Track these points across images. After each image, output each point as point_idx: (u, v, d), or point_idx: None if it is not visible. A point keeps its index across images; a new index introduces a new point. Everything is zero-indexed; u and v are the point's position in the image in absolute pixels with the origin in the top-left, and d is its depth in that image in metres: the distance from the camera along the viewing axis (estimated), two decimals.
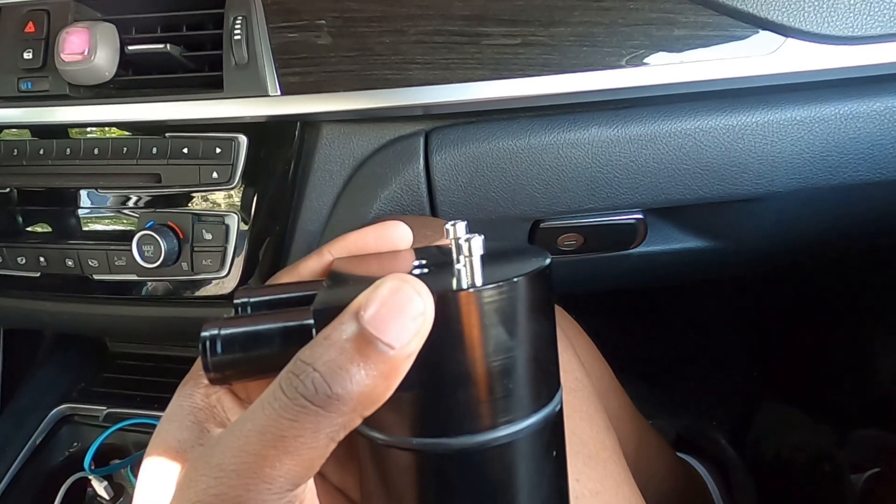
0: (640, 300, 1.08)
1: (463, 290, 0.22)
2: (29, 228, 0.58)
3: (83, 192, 0.56)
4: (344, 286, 0.25)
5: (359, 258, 0.29)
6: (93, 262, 0.56)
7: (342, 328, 0.21)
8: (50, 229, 0.58)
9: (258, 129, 0.53)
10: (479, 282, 0.22)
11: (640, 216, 0.58)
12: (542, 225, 0.58)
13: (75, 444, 0.74)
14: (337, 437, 0.21)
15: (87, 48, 0.51)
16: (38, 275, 0.58)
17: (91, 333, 0.79)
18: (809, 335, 1.03)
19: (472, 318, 0.22)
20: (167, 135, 0.54)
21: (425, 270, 0.25)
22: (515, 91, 0.49)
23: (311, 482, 0.23)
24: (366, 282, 0.22)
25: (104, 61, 0.52)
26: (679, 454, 0.86)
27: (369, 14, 0.49)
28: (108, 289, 0.57)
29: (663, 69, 0.47)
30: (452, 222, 0.25)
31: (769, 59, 0.47)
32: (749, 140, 0.51)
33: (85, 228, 0.57)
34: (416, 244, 0.30)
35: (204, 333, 0.24)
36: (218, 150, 0.53)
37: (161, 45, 0.51)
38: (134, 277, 0.56)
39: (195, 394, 0.27)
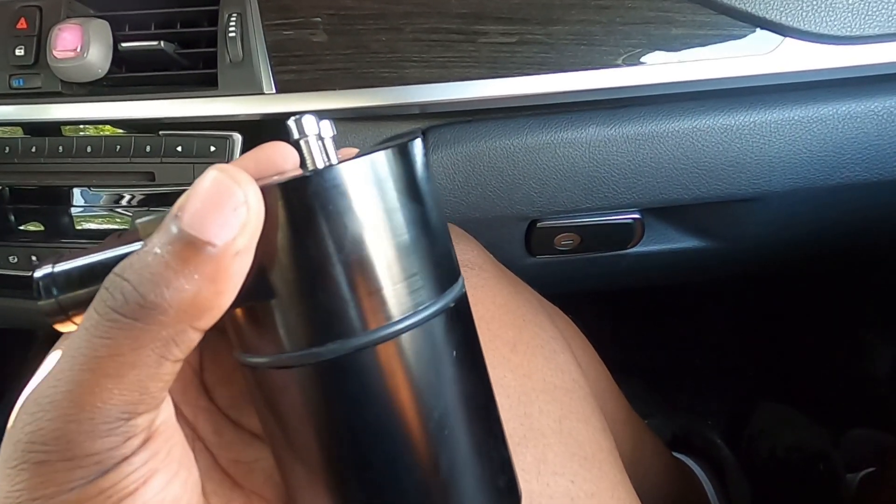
0: (636, 300, 1.08)
1: (295, 177, 0.20)
2: (21, 227, 0.58)
3: (76, 191, 0.56)
4: None
5: None
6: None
7: (159, 235, 0.19)
8: (42, 228, 0.57)
9: (253, 128, 0.52)
10: (318, 164, 0.20)
11: (637, 216, 0.57)
12: (538, 224, 0.58)
13: None
14: (170, 355, 0.19)
15: (80, 45, 0.51)
16: (29, 274, 0.58)
17: None
18: (805, 335, 1.03)
19: (312, 204, 0.20)
20: (161, 133, 0.53)
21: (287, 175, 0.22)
22: (512, 90, 0.48)
23: (167, 413, 0.21)
24: None
25: (97, 58, 0.51)
26: (675, 453, 0.86)
27: (365, 11, 0.49)
28: None
29: (661, 68, 0.47)
30: (296, 116, 0.22)
31: (767, 59, 0.47)
32: (746, 140, 0.51)
33: (78, 227, 0.56)
34: None
35: (36, 274, 0.22)
36: (212, 149, 0.52)
37: (155, 42, 0.51)
38: None
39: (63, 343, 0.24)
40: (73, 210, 0.56)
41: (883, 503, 0.76)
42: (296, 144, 0.22)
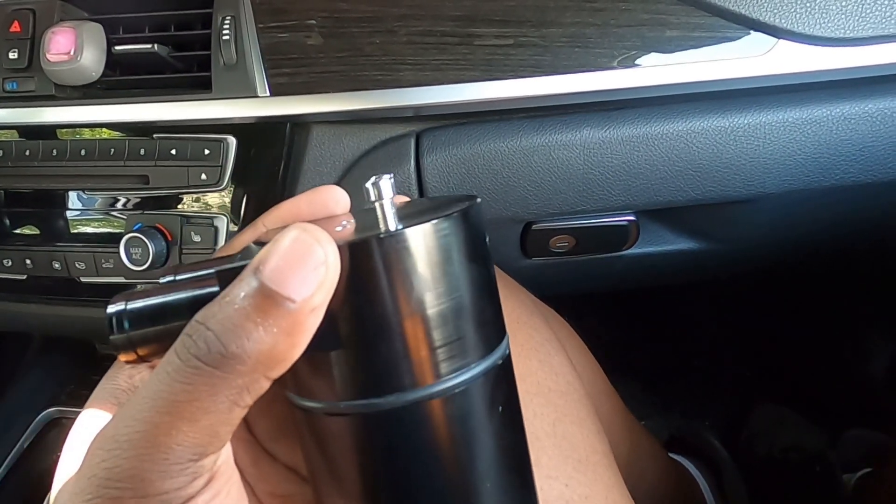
0: (633, 301, 1.08)
1: (369, 236, 0.20)
2: (16, 230, 0.57)
3: (71, 194, 0.56)
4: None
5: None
6: (80, 265, 0.55)
7: (240, 285, 0.20)
8: (37, 231, 0.57)
9: (247, 131, 0.52)
10: (392, 227, 0.21)
11: (632, 218, 0.57)
12: (533, 226, 0.58)
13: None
14: (241, 402, 0.20)
15: (74, 48, 0.51)
16: (24, 277, 0.58)
17: (79, 336, 0.78)
18: (802, 336, 1.03)
19: (383, 265, 0.20)
20: (155, 136, 0.53)
21: (348, 226, 0.23)
22: (507, 92, 0.48)
23: (226, 454, 0.22)
24: None
25: (91, 61, 0.51)
26: (671, 454, 0.86)
27: (360, 14, 0.49)
28: (96, 291, 0.57)
29: (655, 70, 0.47)
30: (374, 178, 0.23)
31: (761, 61, 0.47)
32: (741, 141, 0.51)
33: (72, 231, 0.56)
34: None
35: (110, 309, 0.23)
36: (206, 152, 0.52)
37: (149, 46, 0.51)
38: (122, 280, 0.55)
39: (118, 376, 0.25)
40: (68, 213, 0.56)
41: (880, 503, 0.77)
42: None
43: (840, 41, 0.46)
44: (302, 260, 0.20)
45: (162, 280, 0.25)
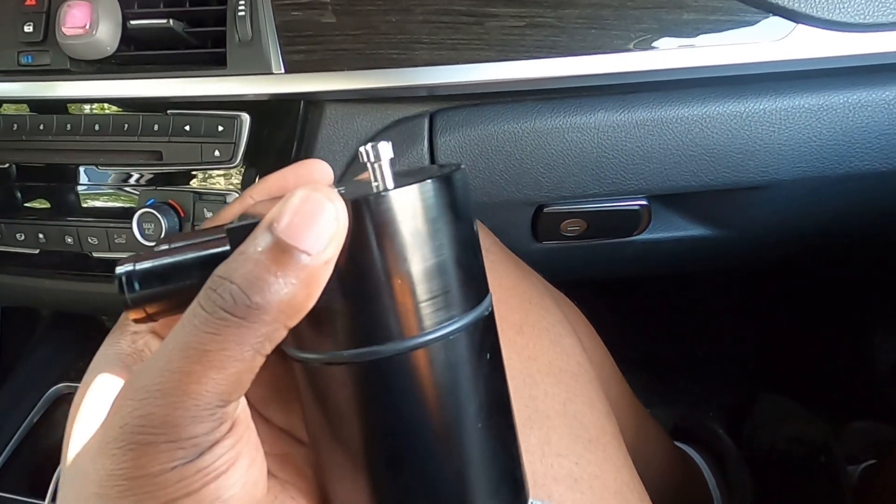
0: (638, 291, 1.08)
1: (372, 194, 0.22)
2: (28, 204, 0.58)
3: (83, 169, 0.56)
4: (258, 214, 0.24)
5: (279, 199, 0.29)
6: (92, 240, 0.56)
7: (257, 241, 0.21)
8: (49, 206, 0.57)
9: (261, 108, 0.52)
10: (389, 186, 0.23)
11: (644, 202, 0.57)
12: (545, 210, 0.57)
13: None
14: (263, 350, 0.21)
15: (89, 22, 0.50)
16: (36, 252, 0.58)
17: (89, 312, 0.79)
18: (807, 327, 1.03)
19: (385, 220, 0.22)
20: (169, 112, 0.53)
21: (342, 190, 0.24)
22: (522, 73, 0.48)
23: (243, 402, 0.23)
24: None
25: (106, 36, 0.51)
26: (677, 444, 0.86)
27: None
28: (107, 267, 0.57)
29: (671, 53, 0.47)
30: (372, 144, 0.24)
31: (779, 46, 0.46)
32: (756, 127, 0.51)
33: (84, 205, 0.56)
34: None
35: (119, 270, 0.24)
36: (220, 128, 0.52)
37: (164, 21, 0.51)
38: None
39: (121, 341, 0.26)
40: (80, 188, 0.56)
41: (884, 496, 0.77)
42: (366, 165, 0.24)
43: (859, 27, 0.45)
44: (315, 215, 0.21)
45: (156, 249, 0.26)
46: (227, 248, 0.23)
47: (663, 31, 0.47)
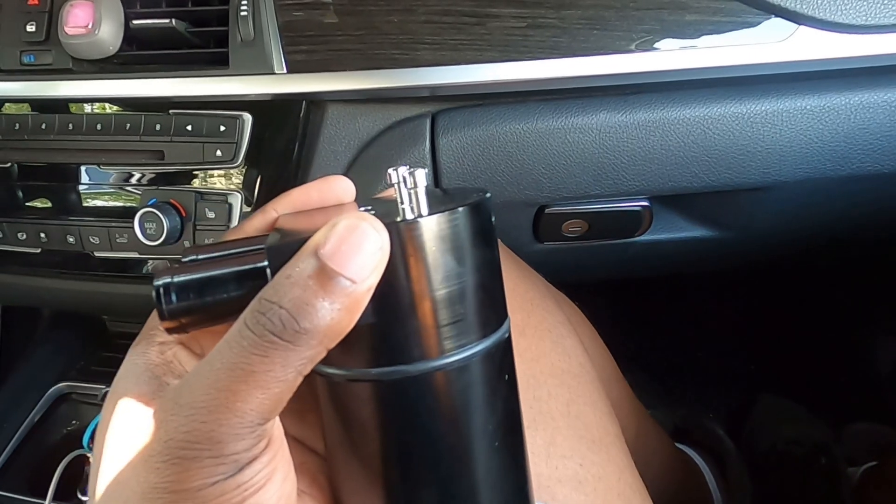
0: (641, 291, 1.08)
1: (409, 220, 0.23)
2: (29, 204, 0.58)
3: (84, 169, 0.56)
4: (293, 232, 0.25)
5: (303, 213, 0.29)
6: (94, 239, 0.55)
7: (303, 266, 0.22)
8: (51, 205, 0.57)
9: (263, 108, 0.52)
10: (424, 212, 0.23)
11: (645, 203, 0.57)
12: (547, 210, 0.57)
13: (73, 422, 0.74)
14: (304, 371, 0.22)
15: (92, 21, 0.50)
16: (38, 251, 0.58)
17: (90, 311, 0.79)
18: (808, 328, 1.03)
19: (421, 246, 0.23)
20: (171, 111, 0.53)
21: (371, 212, 0.25)
22: (523, 74, 0.48)
23: (278, 419, 0.24)
24: (315, 228, 0.22)
25: (108, 35, 0.51)
26: (677, 445, 0.86)
27: None
28: (109, 266, 0.57)
29: (673, 54, 0.47)
30: (394, 167, 0.25)
31: (781, 47, 0.46)
32: (757, 128, 0.51)
33: (86, 205, 0.56)
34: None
35: (157, 282, 0.24)
36: (222, 128, 0.52)
37: (166, 20, 0.51)
38: (135, 255, 0.55)
39: (149, 351, 0.27)
40: (82, 188, 0.56)
41: (884, 497, 0.77)
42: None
43: (861, 28, 0.46)
44: (361, 245, 0.22)
45: (184, 259, 0.27)
46: (265, 264, 0.24)
47: (665, 32, 0.47)
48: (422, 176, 0.23)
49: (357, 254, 0.21)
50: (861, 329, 0.98)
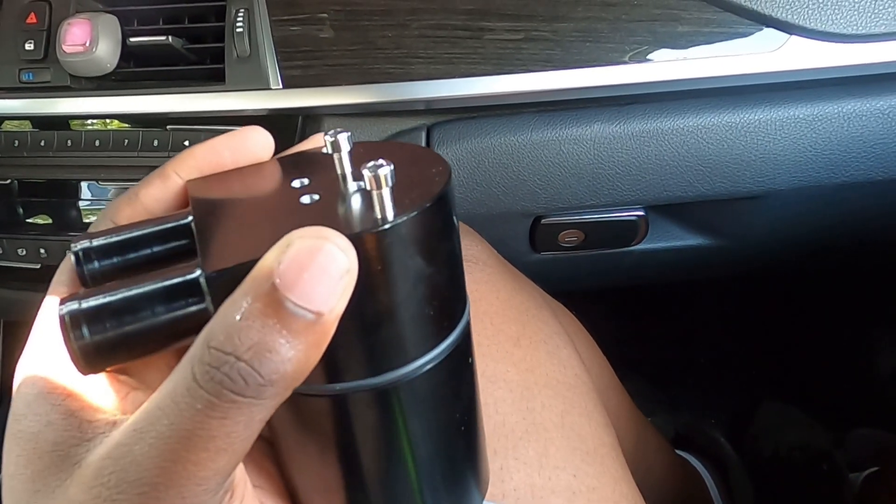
0: (640, 298, 1.08)
1: (380, 228, 0.19)
2: (29, 220, 0.58)
3: (84, 184, 0.56)
4: (224, 231, 0.21)
5: (218, 179, 0.25)
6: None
7: (257, 302, 0.17)
8: (50, 221, 0.58)
9: (260, 123, 0.52)
10: (390, 213, 0.20)
11: (641, 213, 0.58)
12: (543, 221, 0.58)
13: None
14: (268, 416, 0.19)
15: (89, 40, 0.51)
16: (38, 266, 0.58)
17: None
18: (809, 334, 1.03)
19: (389, 255, 0.20)
20: (168, 127, 0.54)
21: (315, 197, 0.22)
22: (518, 86, 0.48)
23: (240, 464, 0.21)
24: (249, 223, 0.19)
25: (106, 53, 0.52)
26: (678, 452, 0.86)
27: (372, 8, 0.49)
28: None
29: (666, 66, 0.47)
30: (331, 132, 0.22)
31: (773, 57, 0.47)
32: (751, 137, 0.51)
33: (86, 220, 0.57)
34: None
35: (62, 311, 0.20)
36: None
37: (163, 38, 0.51)
38: None
39: (55, 377, 0.21)
40: (81, 204, 0.57)
41: (886, 503, 0.76)
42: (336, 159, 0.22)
43: (852, 38, 0.46)
44: (326, 270, 0.18)
45: (75, 247, 0.22)
46: (196, 274, 0.20)
47: (658, 43, 0.47)
48: (387, 173, 0.20)
49: (321, 282, 0.18)
50: (863, 333, 0.98)
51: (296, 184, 0.23)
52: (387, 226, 0.19)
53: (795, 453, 0.87)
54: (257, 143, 0.25)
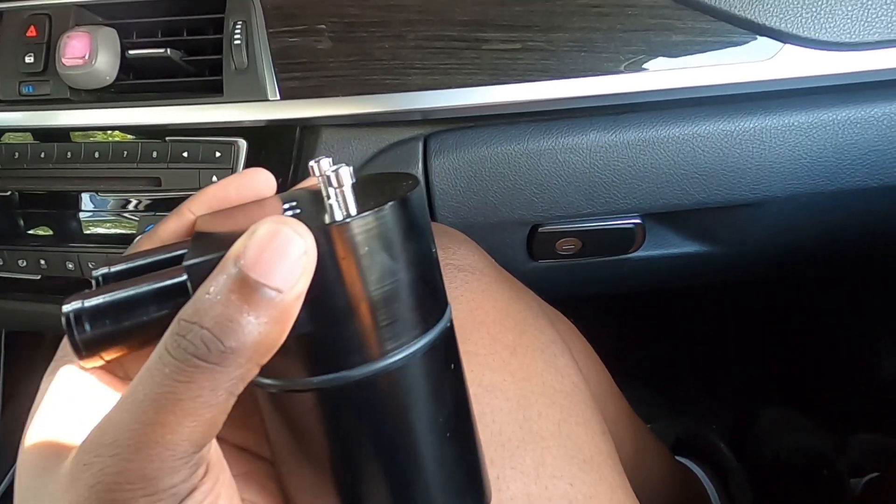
0: (639, 303, 1.08)
1: (338, 222, 0.21)
2: (30, 231, 0.58)
3: (84, 196, 0.57)
4: (213, 241, 0.23)
5: (223, 213, 0.27)
6: (93, 265, 0.56)
7: (223, 279, 0.20)
8: (51, 232, 0.58)
9: (258, 134, 0.53)
10: (353, 212, 0.22)
11: (638, 221, 0.58)
12: (540, 229, 0.58)
13: None
14: (236, 391, 0.20)
15: (88, 52, 0.51)
16: (38, 277, 0.58)
17: None
18: (809, 339, 1.03)
19: (352, 248, 0.21)
20: (167, 139, 0.54)
21: (297, 211, 0.24)
22: (514, 96, 0.49)
23: (215, 442, 0.22)
24: (236, 234, 0.21)
25: (105, 66, 0.52)
26: (678, 458, 0.86)
27: (369, 19, 0.49)
28: None
29: (661, 75, 0.48)
30: (316, 159, 0.24)
31: (767, 65, 0.47)
32: (746, 145, 0.51)
33: (86, 231, 0.57)
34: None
35: (66, 308, 0.22)
36: (218, 154, 0.53)
37: (161, 50, 0.52)
38: None
39: (67, 379, 0.24)
40: (81, 215, 0.57)
41: None
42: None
43: (845, 46, 0.46)
44: (285, 251, 0.20)
45: (95, 273, 0.25)
46: (184, 277, 0.22)
47: (653, 53, 0.47)
48: (346, 174, 0.22)
49: (280, 261, 0.20)
50: (864, 338, 0.98)
51: (286, 206, 0.25)
52: (348, 220, 0.21)
53: (796, 458, 0.87)
54: (260, 181, 0.28)
